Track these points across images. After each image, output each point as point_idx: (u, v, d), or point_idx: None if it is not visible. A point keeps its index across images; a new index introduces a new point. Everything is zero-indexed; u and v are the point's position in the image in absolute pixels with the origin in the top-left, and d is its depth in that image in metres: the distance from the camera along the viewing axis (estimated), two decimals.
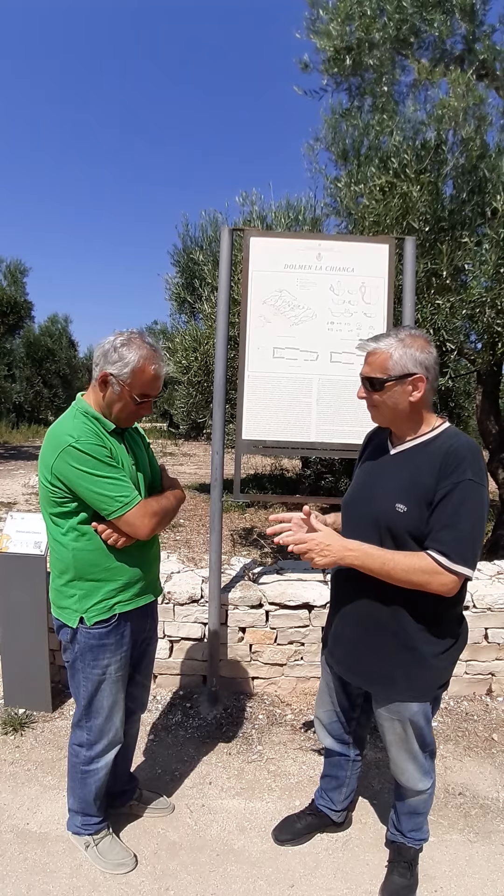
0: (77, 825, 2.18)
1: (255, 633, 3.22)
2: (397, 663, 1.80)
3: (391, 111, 4.43)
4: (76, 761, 2.09)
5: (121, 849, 2.16)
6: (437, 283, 4.02)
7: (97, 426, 1.86)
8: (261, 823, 2.38)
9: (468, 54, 4.61)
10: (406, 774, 1.97)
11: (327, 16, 4.41)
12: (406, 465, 1.76)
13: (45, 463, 1.80)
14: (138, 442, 2.09)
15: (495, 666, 3.31)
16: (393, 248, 3.02)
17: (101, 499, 1.79)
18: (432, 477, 1.67)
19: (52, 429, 1.85)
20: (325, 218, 5.30)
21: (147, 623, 2.15)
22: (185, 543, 5.76)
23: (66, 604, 1.93)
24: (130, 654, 2.06)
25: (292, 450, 3.05)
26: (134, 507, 1.82)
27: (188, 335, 6.23)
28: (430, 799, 2.07)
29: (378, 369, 1.74)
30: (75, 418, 1.86)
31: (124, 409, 1.88)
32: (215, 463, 3.05)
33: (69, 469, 1.75)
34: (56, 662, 3.22)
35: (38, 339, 22.21)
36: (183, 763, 2.73)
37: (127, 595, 1.97)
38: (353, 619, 1.89)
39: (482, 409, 5.49)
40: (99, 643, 1.94)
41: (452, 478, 1.64)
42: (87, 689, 1.99)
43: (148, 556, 2.05)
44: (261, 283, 2.98)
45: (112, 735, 2.07)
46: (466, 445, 1.70)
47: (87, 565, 1.88)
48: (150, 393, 1.89)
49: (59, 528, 1.88)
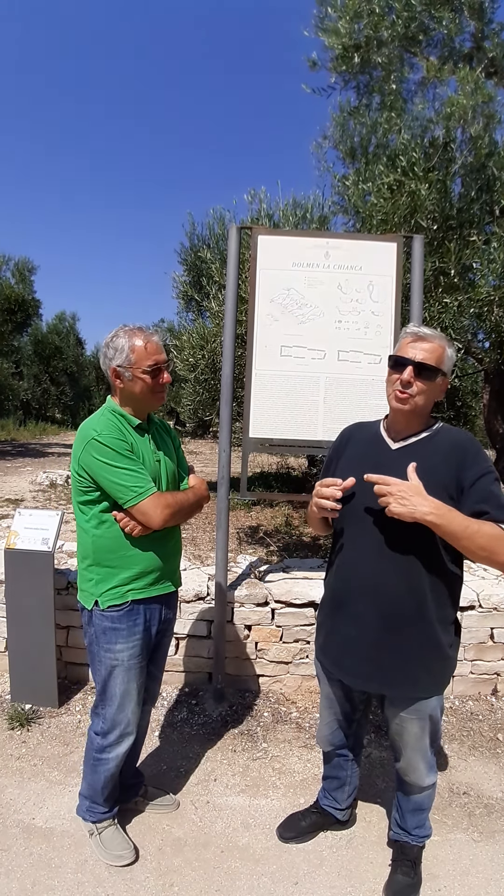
0: (84, 810, 2.22)
1: (260, 631, 3.23)
2: (421, 660, 1.77)
3: (399, 109, 4.42)
4: (91, 746, 2.16)
5: (122, 840, 2.18)
6: (445, 282, 4.01)
7: (121, 422, 2.01)
8: (265, 821, 2.38)
9: (477, 52, 4.59)
10: (417, 773, 1.97)
11: (336, 13, 4.40)
12: (414, 457, 1.71)
13: (75, 455, 1.96)
14: (166, 440, 2.20)
15: (501, 666, 3.30)
16: (401, 247, 3.02)
17: (118, 488, 1.90)
18: (450, 467, 1.69)
19: (83, 425, 2.00)
20: (333, 216, 5.29)
21: (163, 615, 2.17)
22: (192, 541, 5.77)
23: (85, 586, 2.05)
24: (146, 645, 2.10)
25: (299, 448, 3.05)
26: (147, 498, 1.92)
27: (195, 333, 6.23)
28: (433, 793, 2.07)
29: (435, 359, 1.74)
30: (102, 415, 2.01)
31: (144, 386, 1.99)
32: (222, 461, 3.05)
33: (92, 460, 1.89)
34: (63, 659, 3.24)
35: (46, 337, 22.24)
36: (188, 760, 2.74)
37: (141, 584, 2.04)
38: (373, 620, 1.78)
39: (489, 409, 5.48)
40: (112, 626, 2.01)
41: (476, 468, 1.67)
42: (100, 673, 2.07)
43: (166, 547, 2.11)
44: (268, 281, 2.98)
45: (124, 726, 2.10)
46: (471, 438, 1.78)
47: (104, 552, 2.00)
48: (158, 360, 2.00)
49: (84, 515, 2.02)
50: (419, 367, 1.72)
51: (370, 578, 1.77)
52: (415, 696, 1.82)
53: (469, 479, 1.66)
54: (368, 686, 1.89)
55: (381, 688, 1.85)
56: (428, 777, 1.99)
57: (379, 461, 1.78)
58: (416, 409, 1.76)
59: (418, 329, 1.79)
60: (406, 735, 1.91)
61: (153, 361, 1.98)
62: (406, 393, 1.74)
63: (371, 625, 1.79)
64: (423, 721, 1.86)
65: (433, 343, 1.74)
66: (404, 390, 1.74)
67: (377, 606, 1.77)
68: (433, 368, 1.73)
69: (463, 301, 3.87)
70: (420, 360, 1.72)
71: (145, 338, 1.98)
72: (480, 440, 2.00)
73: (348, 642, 1.86)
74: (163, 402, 2.11)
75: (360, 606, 1.80)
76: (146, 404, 2.06)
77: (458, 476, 1.67)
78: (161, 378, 2.02)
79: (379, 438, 1.87)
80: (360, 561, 1.81)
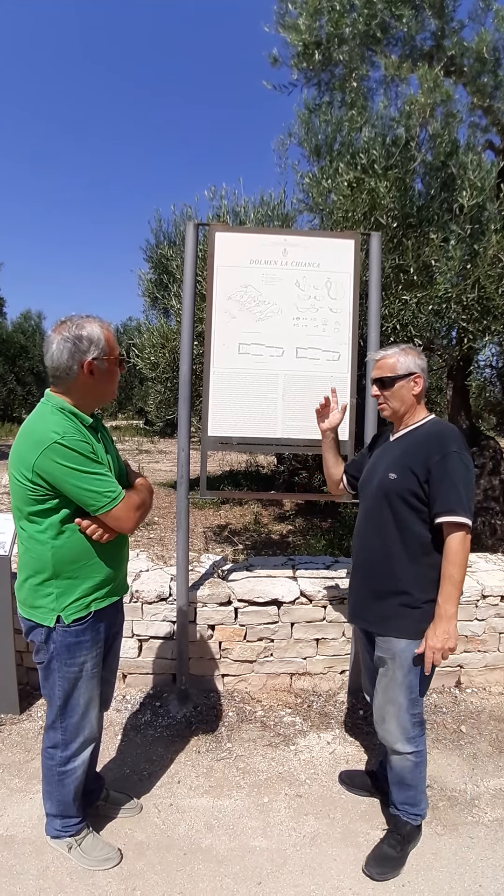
0: (57, 829, 2.15)
1: (224, 631, 3.21)
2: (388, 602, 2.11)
3: (361, 107, 4.43)
4: (51, 764, 2.07)
5: (103, 845, 2.16)
6: (405, 279, 4.03)
7: (76, 422, 1.86)
8: (228, 821, 2.37)
9: (437, 51, 4.62)
10: (386, 724, 2.16)
11: (296, 10, 4.39)
12: (399, 445, 2.17)
13: (24, 461, 1.77)
14: (108, 438, 2.09)
15: (463, 658, 3.35)
16: (359, 244, 3.02)
17: (90, 494, 1.80)
18: (421, 451, 2.05)
19: (30, 426, 1.83)
20: (298, 214, 5.28)
21: (116, 619, 2.17)
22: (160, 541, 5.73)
23: (41, 603, 1.91)
24: (104, 651, 2.07)
25: (258, 446, 3.03)
26: (120, 502, 1.85)
27: (156, 332, 6.17)
28: (416, 770, 2.16)
29: (388, 370, 2.17)
30: (53, 414, 1.84)
31: (113, 377, 1.97)
32: (181, 460, 3.03)
33: (54, 466, 1.74)
34: (24, 664, 3.18)
35: (11, 336, 21.84)
36: (152, 763, 2.71)
37: (102, 593, 1.98)
38: (360, 567, 2.25)
39: (452, 405, 5.54)
40: (76, 641, 1.94)
41: (441, 451, 2.00)
42: (63, 688, 1.98)
43: (121, 554, 2.08)
44: (226, 278, 2.95)
45: (87, 732, 2.07)
46: (448, 427, 2.13)
47: (66, 563, 1.88)
48: (117, 348, 1.97)
49: (36, 525, 1.86)
50: (377, 381, 2.20)
51: (359, 535, 2.27)
52: (385, 633, 2.13)
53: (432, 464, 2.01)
54: (358, 621, 2.30)
55: (367, 625, 2.23)
56: (400, 742, 2.13)
57: (383, 450, 2.28)
58: (394, 411, 2.21)
59: (373, 354, 2.29)
60: (380, 678, 2.18)
61: (120, 350, 1.94)
62: (379, 404, 2.25)
63: (359, 571, 2.26)
64: (393, 661, 2.10)
65: (385, 360, 2.19)
66: (379, 403, 2.24)
67: (361, 555, 2.24)
68: (387, 378, 2.17)
69: (422, 298, 3.90)
70: (376, 377, 2.20)
71: (108, 326, 1.92)
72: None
73: (350, 587, 2.35)
74: (115, 396, 2.07)
75: (356, 557, 2.29)
76: (109, 396, 1.99)
77: (426, 459, 2.02)
78: (122, 368, 2.00)
79: (388, 434, 2.34)
80: (359, 523, 2.30)
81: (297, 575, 3.41)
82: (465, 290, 3.83)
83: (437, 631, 1.99)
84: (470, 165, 3.86)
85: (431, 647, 1.99)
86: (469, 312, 3.96)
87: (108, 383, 1.95)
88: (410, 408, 2.19)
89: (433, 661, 2.01)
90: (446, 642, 1.98)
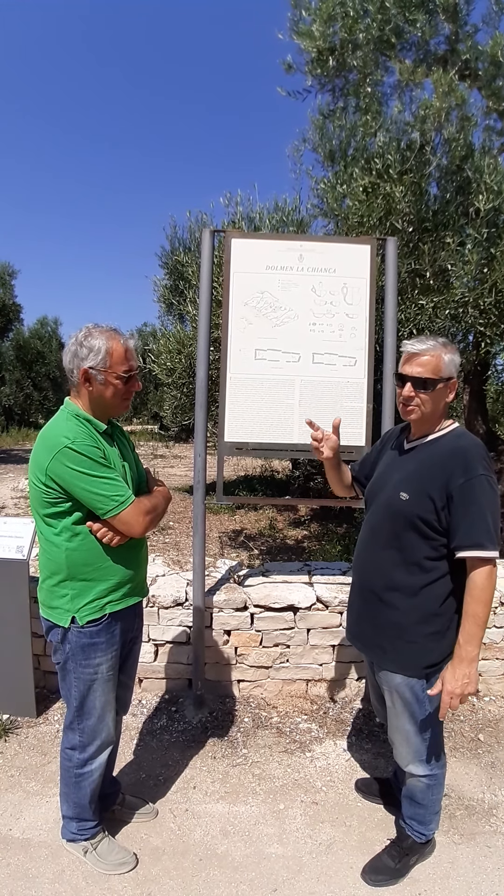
0: (73, 832, 2.16)
1: (240, 636, 3.21)
2: (383, 635, 1.97)
3: (375, 112, 4.43)
4: (69, 765, 2.09)
5: (119, 849, 2.17)
6: (421, 284, 4.02)
7: (89, 428, 1.90)
8: (244, 828, 2.37)
9: (451, 55, 4.62)
10: (396, 747, 2.09)
11: (310, 16, 4.40)
12: (413, 459, 1.93)
13: (39, 465, 1.83)
14: (126, 444, 2.12)
15: (482, 666, 3.31)
16: (375, 249, 3.02)
17: (98, 498, 1.83)
18: (440, 472, 1.81)
19: (45, 431, 1.89)
20: (313, 220, 5.29)
21: (134, 623, 2.17)
22: (175, 546, 5.74)
23: (57, 604, 1.95)
24: (121, 655, 2.08)
25: (275, 452, 3.04)
26: (129, 506, 1.87)
27: (172, 337, 6.21)
28: (427, 791, 2.08)
29: (431, 370, 1.85)
30: (68, 421, 1.89)
31: (115, 392, 1.93)
32: (198, 465, 3.04)
33: (65, 470, 1.79)
34: (41, 668, 3.20)
35: (28, 342, 22.04)
36: (167, 767, 2.71)
37: (118, 595, 1.99)
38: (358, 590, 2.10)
39: (469, 409, 5.51)
40: (91, 642, 1.95)
41: (466, 474, 1.77)
42: (79, 689, 2.00)
43: (138, 557, 2.09)
44: (242, 284, 2.96)
45: (105, 735, 2.08)
46: (473, 443, 1.86)
47: (79, 565, 1.91)
48: (132, 366, 1.95)
49: (52, 528, 1.90)
50: (417, 381, 1.86)
51: (361, 551, 2.08)
52: (380, 664, 2.01)
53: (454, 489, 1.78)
54: (356, 643, 2.15)
55: (365, 650, 2.11)
56: (413, 764, 2.05)
57: (395, 459, 2.04)
58: (424, 416, 1.91)
59: (412, 346, 1.90)
60: (388, 706, 2.07)
61: (128, 367, 1.92)
62: (410, 406, 1.90)
63: (357, 590, 2.10)
64: (391, 694, 1.99)
65: (427, 356, 1.85)
66: (407, 403, 1.90)
67: (361, 575, 2.07)
68: (431, 380, 1.85)
69: (438, 302, 3.88)
70: (415, 375, 1.86)
71: (123, 341, 1.91)
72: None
73: (350, 605, 2.19)
74: (128, 409, 2.07)
75: (356, 573, 2.12)
76: (113, 410, 1.99)
77: (446, 482, 1.79)
78: (133, 385, 1.98)
79: (402, 438, 2.07)
80: (363, 535, 2.10)
81: (314, 581, 3.40)
82: (482, 294, 3.81)
83: (457, 674, 1.79)
84: (486, 169, 3.85)
85: (449, 691, 1.79)
86: (486, 316, 3.93)
87: (110, 396, 1.93)
88: (438, 416, 1.94)
89: (450, 705, 1.81)
90: (466, 687, 1.79)
